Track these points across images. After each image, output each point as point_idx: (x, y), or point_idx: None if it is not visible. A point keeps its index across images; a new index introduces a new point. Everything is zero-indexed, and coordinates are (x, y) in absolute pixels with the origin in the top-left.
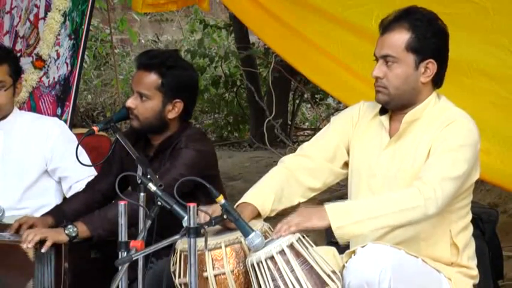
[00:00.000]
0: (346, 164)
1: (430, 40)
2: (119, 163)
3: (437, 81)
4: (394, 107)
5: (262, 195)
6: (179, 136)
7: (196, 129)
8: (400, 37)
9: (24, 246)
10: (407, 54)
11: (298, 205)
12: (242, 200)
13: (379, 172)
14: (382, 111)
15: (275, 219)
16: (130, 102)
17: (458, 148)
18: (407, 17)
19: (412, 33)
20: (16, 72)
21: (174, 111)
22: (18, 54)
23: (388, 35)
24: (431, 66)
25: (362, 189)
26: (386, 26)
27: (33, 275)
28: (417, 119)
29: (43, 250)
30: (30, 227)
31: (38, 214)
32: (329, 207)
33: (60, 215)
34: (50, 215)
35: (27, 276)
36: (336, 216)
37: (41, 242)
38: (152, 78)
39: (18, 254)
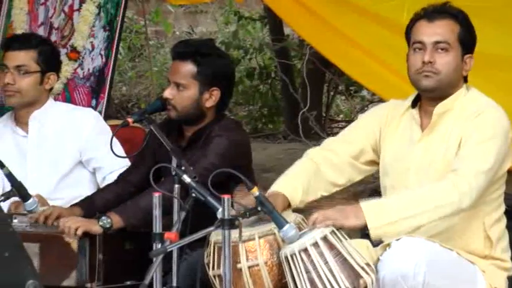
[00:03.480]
0: (370, 162)
1: (472, 35)
2: (151, 155)
3: (467, 76)
4: (437, 94)
5: (292, 185)
6: (212, 126)
7: (231, 119)
8: (455, 27)
9: (69, 239)
10: (458, 45)
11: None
12: (272, 189)
13: (413, 166)
14: (413, 105)
15: (307, 212)
16: (168, 93)
17: (489, 139)
18: (454, 10)
19: (461, 26)
20: (47, 63)
21: (211, 99)
22: None
23: (441, 22)
24: (470, 60)
25: (397, 185)
26: (434, 13)
27: (76, 266)
28: (448, 110)
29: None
30: (57, 218)
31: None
32: (365, 206)
33: (89, 206)
34: (79, 206)
35: (70, 267)
36: (373, 216)
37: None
38: (188, 67)
39: (60, 245)
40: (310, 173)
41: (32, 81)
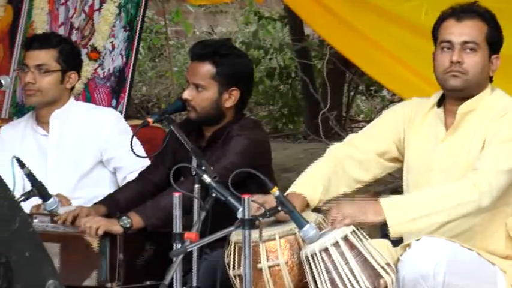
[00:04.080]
0: (394, 159)
1: (500, 35)
2: (171, 155)
3: (492, 76)
4: (464, 94)
5: (311, 185)
6: (232, 125)
7: (250, 118)
8: (483, 27)
9: (89, 239)
10: (485, 45)
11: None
12: (291, 189)
13: (437, 165)
14: (438, 104)
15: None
16: (187, 94)
17: (511, 139)
18: (482, 9)
19: (488, 27)
20: (67, 62)
21: (230, 99)
22: None
23: (469, 22)
24: (497, 61)
25: (420, 184)
26: (463, 13)
27: (97, 265)
28: (472, 110)
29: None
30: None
31: (91, 204)
32: (385, 202)
33: (112, 203)
34: (103, 204)
35: (91, 267)
36: (392, 212)
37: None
38: (206, 67)
39: (81, 245)
40: (330, 170)
41: (53, 80)
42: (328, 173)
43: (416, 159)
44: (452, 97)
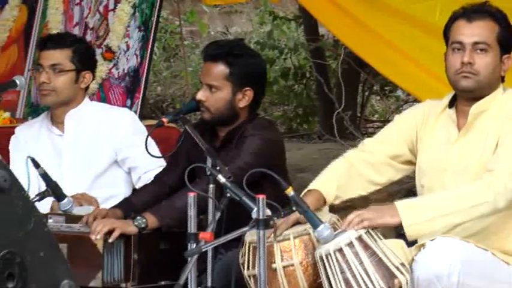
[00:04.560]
0: (408, 162)
1: (511, 36)
2: (185, 155)
3: (503, 76)
4: (475, 95)
5: (327, 182)
6: (246, 125)
7: (264, 118)
8: (494, 27)
9: (92, 237)
10: (496, 45)
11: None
12: (307, 189)
13: (450, 166)
14: (450, 105)
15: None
16: (201, 95)
17: None
18: (493, 9)
19: (500, 26)
20: (82, 62)
21: (244, 100)
22: None
23: (480, 22)
24: (508, 60)
25: (434, 185)
26: (474, 13)
27: (102, 266)
28: (484, 111)
29: (110, 240)
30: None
31: (107, 204)
32: (400, 204)
33: (129, 207)
34: (119, 208)
35: (96, 268)
36: (407, 214)
37: (110, 233)
38: (220, 68)
39: (87, 246)
40: (345, 171)
41: (67, 79)
42: (343, 173)
43: (429, 161)
44: (464, 98)
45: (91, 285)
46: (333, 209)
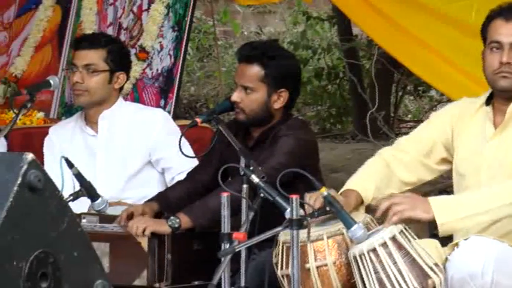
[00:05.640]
0: (442, 161)
1: None
2: (218, 155)
3: None
4: None
5: (364, 183)
6: (279, 126)
7: (297, 118)
8: None
9: (139, 239)
10: None
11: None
12: (344, 188)
13: (485, 164)
14: (487, 102)
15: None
16: (236, 96)
17: None
18: None
19: None
20: (116, 62)
21: (279, 101)
22: None
23: None
24: None
25: (469, 183)
26: (511, 13)
27: (147, 265)
28: None
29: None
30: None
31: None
32: (434, 201)
33: (164, 201)
34: (155, 201)
35: (141, 266)
36: (441, 211)
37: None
38: (255, 70)
39: (131, 244)
40: (380, 171)
41: (101, 80)
42: (379, 173)
43: (465, 158)
44: (502, 96)
45: (135, 283)
46: (367, 207)
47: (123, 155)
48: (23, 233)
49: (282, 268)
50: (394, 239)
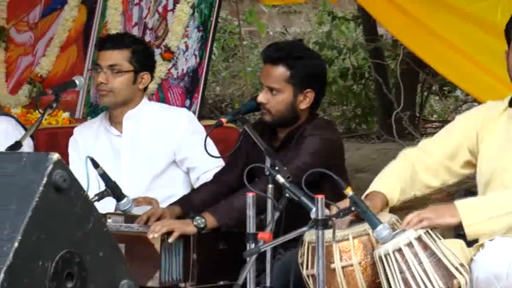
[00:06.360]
0: (467, 164)
1: None
2: (244, 155)
3: None
4: None
5: (390, 184)
6: (305, 126)
7: (323, 118)
8: None
9: (150, 236)
10: None
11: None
12: (370, 189)
13: (511, 165)
14: (510, 104)
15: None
16: (262, 97)
17: None
18: None
19: None
20: (140, 63)
21: (305, 101)
22: None
23: None
24: None
25: (495, 185)
26: None
27: (160, 266)
28: None
29: (170, 240)
30: (158, 218)
31: (165, 204)
32: (460, 204)
33: (187, 204)
34: (178, 205)
35: (154, 267)
36: (467, 213)
37: (169, 234)
38: (280, 71)
39: (145, 245)
40: (406, 172)
41: (125, 80)
42: (403, 175)
43: (490, 160)
44: None
45: (149, 284)
46: (391, 209)
47: (147, 155)
48: (48, 232)
49: (307, 268)
50: (419, 239)
